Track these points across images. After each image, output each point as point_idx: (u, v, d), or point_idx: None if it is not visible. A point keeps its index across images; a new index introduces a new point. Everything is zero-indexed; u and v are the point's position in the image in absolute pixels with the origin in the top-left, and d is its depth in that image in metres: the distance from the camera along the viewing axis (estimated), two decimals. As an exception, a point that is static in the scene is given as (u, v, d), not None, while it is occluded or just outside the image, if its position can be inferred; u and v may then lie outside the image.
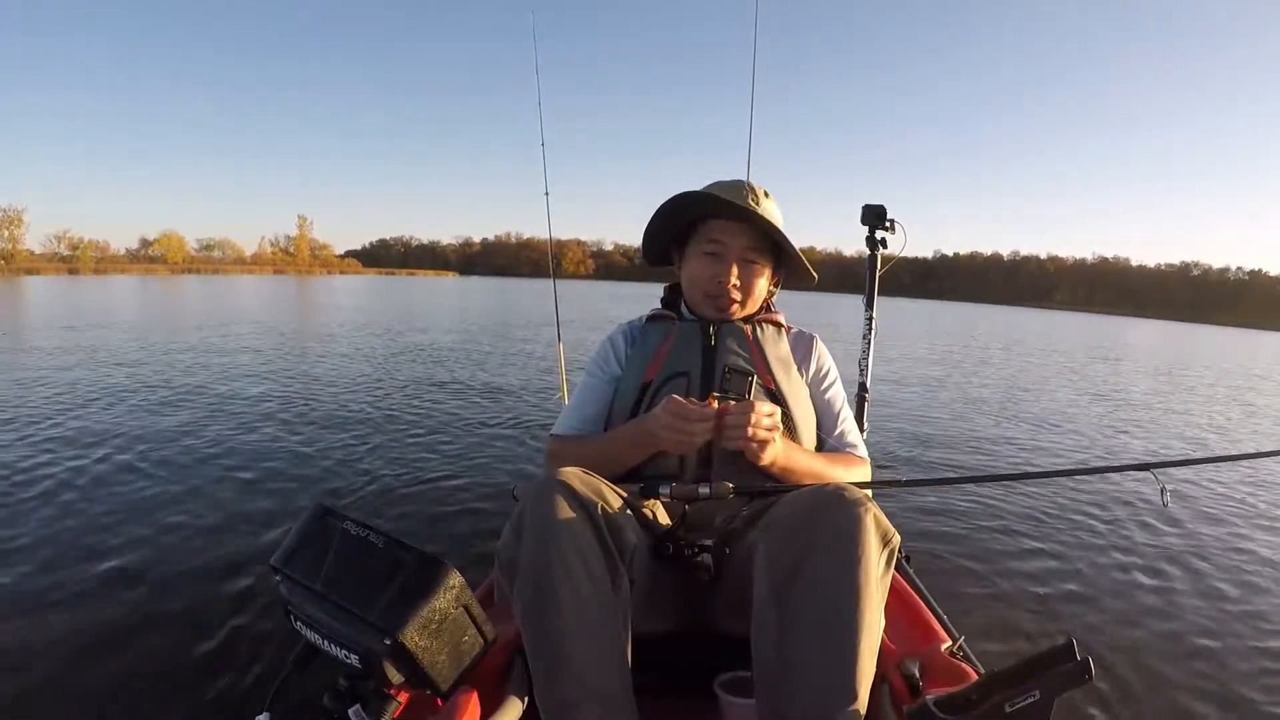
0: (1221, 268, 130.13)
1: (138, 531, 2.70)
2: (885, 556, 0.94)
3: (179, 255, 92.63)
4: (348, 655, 0.83)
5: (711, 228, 1.32)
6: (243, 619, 2.05)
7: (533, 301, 26.78)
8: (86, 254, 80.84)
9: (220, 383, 6.29)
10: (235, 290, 29.92)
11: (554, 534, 0.92)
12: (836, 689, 0.86)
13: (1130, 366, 13.41)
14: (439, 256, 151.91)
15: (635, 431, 1.20)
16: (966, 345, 16.09)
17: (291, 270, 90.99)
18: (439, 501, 3.22)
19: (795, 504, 0.99)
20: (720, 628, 1.14)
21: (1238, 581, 2.69)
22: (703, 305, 1.35)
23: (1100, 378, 10.74)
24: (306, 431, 4.47)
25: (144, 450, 3.88)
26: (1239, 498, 3.93)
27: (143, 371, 6.85)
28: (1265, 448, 4.96)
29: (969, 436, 5.37)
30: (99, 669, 1.80)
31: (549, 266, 3.54)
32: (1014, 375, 10.24)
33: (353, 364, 7.97)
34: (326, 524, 0.86)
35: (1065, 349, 17.15)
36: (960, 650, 1.08)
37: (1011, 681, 0.78)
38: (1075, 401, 7.88)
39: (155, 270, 71.42)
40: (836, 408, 1.36)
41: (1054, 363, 12.91)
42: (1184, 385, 10.66)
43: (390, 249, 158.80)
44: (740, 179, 1.34)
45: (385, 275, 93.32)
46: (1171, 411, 7.73)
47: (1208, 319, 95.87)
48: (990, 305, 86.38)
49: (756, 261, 1.32)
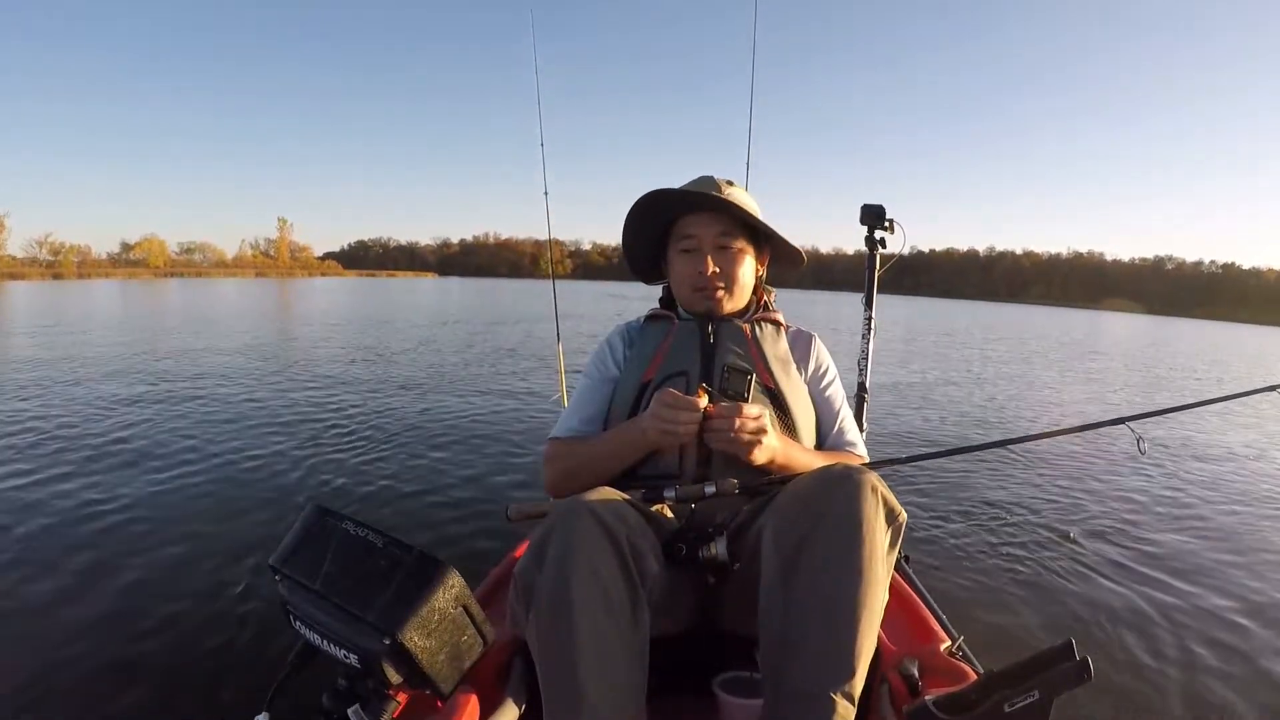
0: (1195, 261, 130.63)
1: (137, 532, 2.70)
2: (891, 533, 0.94)
3: (160, 259, 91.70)
4: (347, 655, 0.83)
5: (684, 224, 1.33)
6: (242, 619, 2.05)
7: (516, 301, 26.87)
8: (68, 259, 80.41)
9: (217, 384, 6.29)
10: (220, 294, 29.68)
11: (576, 566, 0.89)
12: (834, 663, 0.86)
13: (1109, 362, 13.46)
14: (417, 257, 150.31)
15: (629, 430, 1.20)
16: (948, 340, 16.12)
17: (273, 273, 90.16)
18: (438, 501, 3.22)
19: (802, 484, 0.99)
20: (725, 626, 1.14)
21: (1233, 549, 2.72)
22: (693, 302, 1.35)
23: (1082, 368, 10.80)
24: (305, 432, 4.46)
25: (143, 450, 3.88)
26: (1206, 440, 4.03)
27: (141, 373, 6.85)
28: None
29: (957, 418, 5.39)
30: (99, 669, 1.80)
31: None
32: (998, 367, 10.28)
33: (351, 365, 7.97)
34: (325, 524, 0.86)
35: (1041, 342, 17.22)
36: (959, 650, 1.08)
37: (1011, 681, 0.78)
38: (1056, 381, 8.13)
39: (138, 274, 70.96)
40: (835, 406, 1.37)
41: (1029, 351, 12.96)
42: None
43: (369, 250, 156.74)
44: (706, 175, 1.35)
45: (366, 277, 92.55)
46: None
47: (1184, 312, 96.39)
48: (967, 301, 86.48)
49: (731, 247, 1.32)
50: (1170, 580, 2.65)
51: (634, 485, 1.15)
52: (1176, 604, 2.45)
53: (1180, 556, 2.91)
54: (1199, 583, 2.64)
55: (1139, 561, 2.82)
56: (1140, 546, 3.00)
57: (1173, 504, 3.69)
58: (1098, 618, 2.31)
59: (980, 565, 2.69)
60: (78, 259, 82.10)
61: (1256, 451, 5.26)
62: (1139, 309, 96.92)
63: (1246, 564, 2.88)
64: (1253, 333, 43.73)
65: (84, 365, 7.13)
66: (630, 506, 1.01)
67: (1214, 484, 4.17)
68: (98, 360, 7.56)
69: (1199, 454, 4.98)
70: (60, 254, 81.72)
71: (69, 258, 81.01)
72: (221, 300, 23.91)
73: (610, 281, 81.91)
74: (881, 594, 0.91)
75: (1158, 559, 2.86)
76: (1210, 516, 3.52)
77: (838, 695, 0.84)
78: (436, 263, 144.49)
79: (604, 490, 1.02)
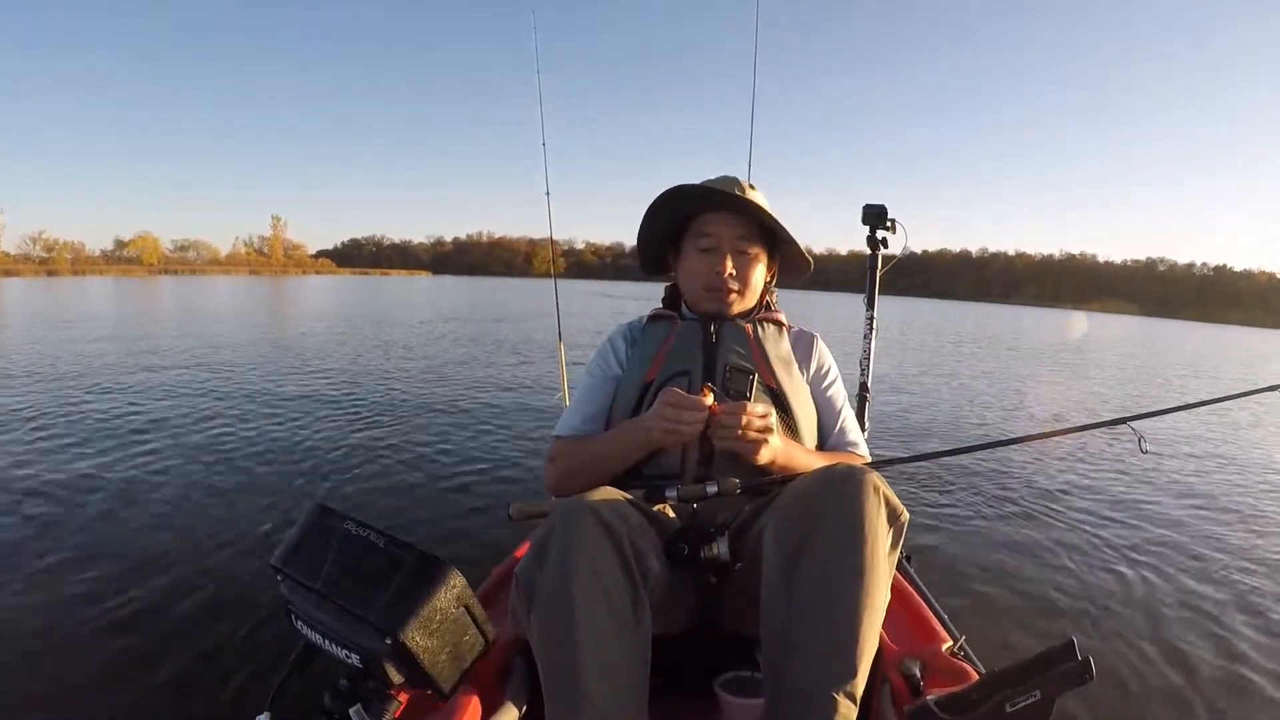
0: (1187, 263, 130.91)
1: (137, 531, 2.71)
2: (893, 533, 0.94)
3: (154, 256, 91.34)
4: (348, 655, 0.83)
5: (704, 221, 1.32)
6: (243, 619, 2.05)
7: (513, 299, 26.88)
8: (62, 255, 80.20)
9: (219, 384, 6.29)
10: (217, 292, 29.57)
11: (577, 566, 0.89)
12: (836, 663, 0.86)
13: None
14: (411, 256, 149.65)
15: (632, 430, 1.20)
16: (941, 341, 16.11)
17: (266, 271, 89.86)
18: (439, 500, 3.22)
19: (803, 484, 0.98)
20: (726, 626, 1.14)
21: (1234, 548, 2.72)
22: (702, 300, 1.35)
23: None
24: (306, 431, 4.47)
25: (144, 450, 3.89)
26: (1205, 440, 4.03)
27: (141, 372, 6.85)
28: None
29: (956, 421, 5.38)
30: (99, 669, 1.80)
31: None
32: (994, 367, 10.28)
33: (351, 364, 7.98)
34: (327, 524, 0.86)
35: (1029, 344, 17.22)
36: (961, 650, 1.08)
37: (1012, 681, 0.78)
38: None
39: (132, 271, 70.79)
40: (837, 406, 1.36)
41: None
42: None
43: (362, 249, 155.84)
44: (728, 175, 1.35)
45: (360, 275, 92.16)
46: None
47: (1174, 314, 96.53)
48: (959, 301, 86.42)
49: (749, 251, 1.32)
50: (1172, 580, 2.65)
51: (635, 485, 1.15)
52: (1178, 604, 2.44)
53: (1182, 556, 2.91)
54: (1201, 582, 2.64)
55: (1141, 561, 2.82)
56: (1141, 546, 3.00)
57: (1173, 504, 3.69)
58: (1099, 618, 2.31)
59: (982, 565, 2.69)
60: (71, 256, 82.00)
61: (1258, 451, 5.25)
62: (1132, 310, 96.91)
63: (1248, 563, 2.87)
64: (1244, 334, 43.80)
65: (81, 362, 7.14)
66: (632, 506, 1.01)
67: (1215, 484, 4.16)
68: (94, 357, 7.56)
69: (1200, 453, 4.98)
70: (54, 250, 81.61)
71: (63, 254, 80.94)
72: (218, 298, 23.87)
73: (604, 281, 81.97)
74: (883, 594, 0.91)
75: (1159, 558, 2.86)
76: (1211, 516, 3.52)
77: (839, 695, 0.84)
78: (430, 261, 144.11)
79: (605, 490, 1.01)
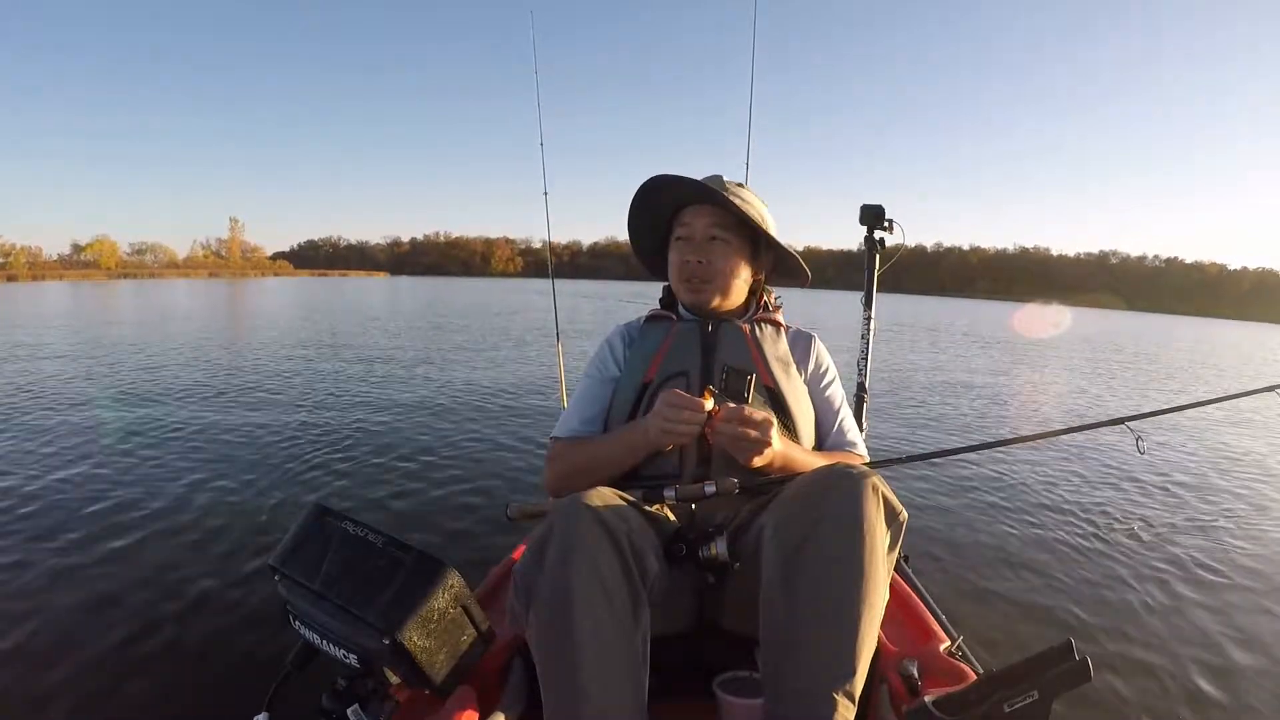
0: (1139, 255, 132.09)
1: (137, 531, 2.70)
2: (891, 533, 0.94)
3: (112, 260, 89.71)
4: (346, 655, 0.83)
5: (681, 215, 1.35)
6: (241, 619, 2.05)
7: (474, 299, 26.95)
8: (19, 260, 78.74)
9: (216, 384, 6.29)
10: (181, 295, 28.71)
11: (576, 566, 0.89)
12: (835, 663, 0.86)
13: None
14: (368, 257, 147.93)
15: (631, 432, 1.21)
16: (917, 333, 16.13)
17: (225, 273, 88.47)
18: (438, 500, 3.22)
19: (802, 484, 0.99)
20: (725, 626, 1.14)
21: (1232, 548, 2.75)
22: (681, 292, 1.36)
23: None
24: (304, 432, 4.46)
25: (143, 450, 3.88)
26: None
27: (137, 373, 6.85)
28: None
29: (956, 418, 5.39)
30: (99, 669, 1.80)
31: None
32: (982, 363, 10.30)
33: (348, 365, 7.97)
34: (325, 524, 0.86)
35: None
36: (959, 650, 1.08)
37: (1010, 681, 0.78)
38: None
39: (91, 275, 69.62)
40: (835, 406, 1.37)
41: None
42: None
43: (319, 250, 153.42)
44: (717, 174, 1.35)
45: (318, 276, 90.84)
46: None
47: (1130, 306, 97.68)
48: (914, 296, 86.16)
49: (720, 238, 1.32)
50: (1171, 580, 2.65)
51: (634, 485, 1.15)
52: (1177, 604, 2.45)
53: (1180, 556, 2.91)
54: (1200, 582, 2.64)
55: (1139, 561, 2.82)
56: (1139, 546, 3.00)
57: (1172, 503, 3.69)
58: (1098, 618, 2.31)
59: (980, 565, 2.69)
60: (28, 261, 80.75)
61: (1256, 451, 5.26)
62: (1084, 302, 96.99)
63: (1247, 563, 2.88)
64: (1189, 324, 44.21)
65: (79, 366, 7.13)
66: (630, 506, 1.01)
67: (1214, 483, 4.16)
68: (90, 359, 7.55)
69: (1197, 453, 4.98)
70: (11, 255, 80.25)
71: (20, 259, 79.65)
72: (185, 301, 23.32)
73: (563, 280, 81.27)
74: (882, 594, 0.91)
75: (1158, 558, 2.86)
76: (1210, 516, 3.52)
77: (838, 695, 0.85)
78: (387, 262, 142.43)
79: (604, 490, 1.01)
